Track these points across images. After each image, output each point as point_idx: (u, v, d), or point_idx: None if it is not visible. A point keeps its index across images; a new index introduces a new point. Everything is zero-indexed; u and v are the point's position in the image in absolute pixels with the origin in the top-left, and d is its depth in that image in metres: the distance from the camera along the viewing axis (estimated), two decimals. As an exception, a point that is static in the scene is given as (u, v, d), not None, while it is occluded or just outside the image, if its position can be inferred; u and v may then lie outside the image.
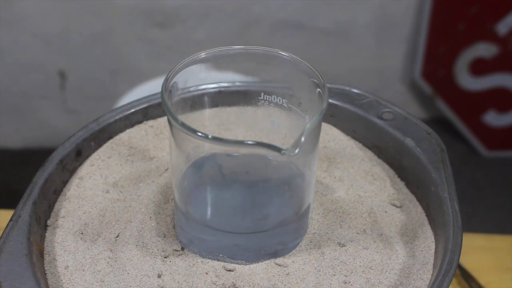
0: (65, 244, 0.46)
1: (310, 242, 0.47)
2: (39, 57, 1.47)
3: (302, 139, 0.39)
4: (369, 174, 0.53)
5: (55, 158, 0.50)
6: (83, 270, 0.45)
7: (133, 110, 0.56)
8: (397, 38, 1.58)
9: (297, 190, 0.46)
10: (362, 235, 0.48)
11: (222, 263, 0.45)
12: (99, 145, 0.54)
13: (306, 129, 0.40)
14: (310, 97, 0.44)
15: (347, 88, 0.56)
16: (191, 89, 0.49)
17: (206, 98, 0.50)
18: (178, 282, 0.44)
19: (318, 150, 0.47)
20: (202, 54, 0.45)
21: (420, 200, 0.51)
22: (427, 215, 0.50)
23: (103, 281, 0.44)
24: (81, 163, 0.53)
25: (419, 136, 0.53)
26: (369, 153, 0.55)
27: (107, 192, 0.50)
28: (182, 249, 0.46)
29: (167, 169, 0.53)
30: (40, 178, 0.48)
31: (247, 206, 0.47)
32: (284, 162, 0.44)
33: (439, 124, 1.66)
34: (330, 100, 0.55)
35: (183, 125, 0.40)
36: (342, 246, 0.47)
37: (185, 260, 0.46)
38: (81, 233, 0.47)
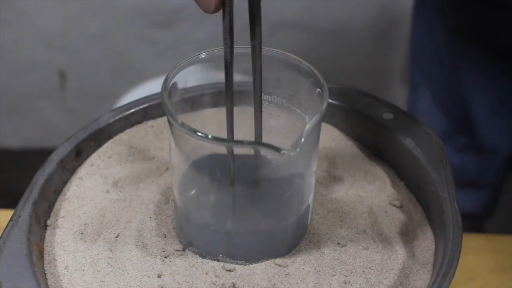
0: (65, 244, 0.46)
1: (310, 242, 0.47)
2: (39, 57, 1.47)
3: (302, 139, 0.39)
4: (369, 174, 0.53)
5: (55, 158, 0.50)
6: (83, 270, 0.45)
7: (133, 110, 0.56)
8: (397, 38, 1.58)
9: (296, 190, 0.46)
10: (362, 235, 0.48)
11: (222, 263, 0.45)
12: (99, 145, 0.54)
13: (305, 129, 0.40)
14: (310, 97, 0.44)
15: (347, 88, 0.56)
16: (191, 89, 0.49)
17: (206, 98, 0.50)
18: (178, 282, 0.44)
19: (318, 150, 0.47)
20: (202, 54, 0.45)
21: (420, 200, 0.51)
22: (427, 215, 0.50)
23: (103, 281, 0.44)
24: (81, 163, 0.53)
25: (419, 136, 0.52)
26: (369, 153, 0.55)
27: (107, 192, 0.50)
28: (182, 249, 0.46)
29: (167, 169, 0.53)
30: (40, 178, 0.48)
31: (246, 206, 0.47)
32: (283, 162, 0.44)
33: (439, 124, 1.66)
34: (330, 100, 0.55)
35: (183, 125, 0.40)
36: (342, 246, 0.47)
37: (185, 261, 0.46)
38: (81, 233, 0.47)
